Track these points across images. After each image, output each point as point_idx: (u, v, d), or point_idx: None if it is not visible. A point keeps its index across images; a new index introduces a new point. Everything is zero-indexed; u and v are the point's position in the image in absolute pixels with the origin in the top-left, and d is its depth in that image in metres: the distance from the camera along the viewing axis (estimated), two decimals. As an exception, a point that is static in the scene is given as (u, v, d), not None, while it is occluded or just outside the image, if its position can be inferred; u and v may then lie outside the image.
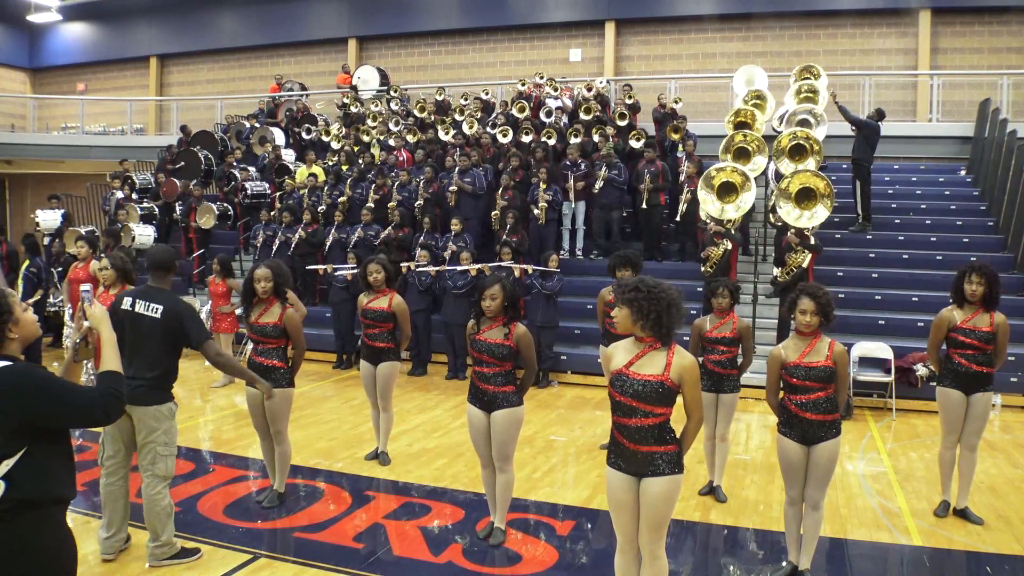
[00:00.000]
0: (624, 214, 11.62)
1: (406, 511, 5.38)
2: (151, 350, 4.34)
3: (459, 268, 9.70)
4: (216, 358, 4.58)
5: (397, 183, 11.76)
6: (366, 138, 14.46)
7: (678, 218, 10.85)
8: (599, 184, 10.93)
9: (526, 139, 12.79)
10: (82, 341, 2.83)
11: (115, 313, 4.16)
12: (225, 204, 13.51)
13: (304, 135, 15.60)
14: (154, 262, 4.58)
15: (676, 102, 13.83)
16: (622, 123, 12.87)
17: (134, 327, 4.34)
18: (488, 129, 13.38)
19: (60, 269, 10.73)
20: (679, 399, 3.47)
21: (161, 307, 4.38)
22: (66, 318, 9.31)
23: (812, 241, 8.97)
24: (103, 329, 2.75)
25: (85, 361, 6.47)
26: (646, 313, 3.37)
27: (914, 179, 13.29)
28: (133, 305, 4.40)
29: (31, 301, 9.01)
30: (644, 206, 10.93)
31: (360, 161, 13.01)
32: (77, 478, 5.97)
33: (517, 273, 9.42)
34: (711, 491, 5.73)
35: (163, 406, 4.38)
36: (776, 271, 9.30)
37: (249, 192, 13.47)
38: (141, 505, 4.41)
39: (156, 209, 13.52)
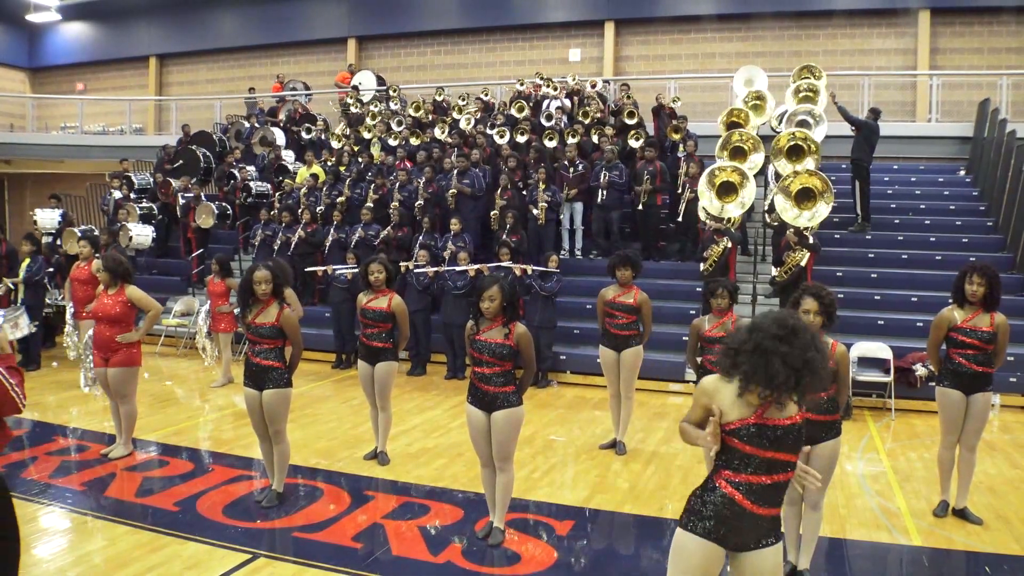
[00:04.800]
0: (623, 213, 11.60)
1: (405, 511, 5.37)
2: None
3: (458, 268, 9.70)
4: None
5: (397, 183, 11.75)
6: (367, 135, 14.46)
7: (679, 219, 10.84)
8: (602, 192, 10.90)
9: (522, 139, 12.79)
10: None
11: None
12: (224, 204, 13.50)
13: (304, 134, 15.60)
14: None
15: (674, 101, 13.82)
16: (631, 121, 12.81)
17: None
18: (487, 129, 13.37)
19: (51, 270, 10.71)
20: None
21: None
22: (67, 316, 9.31)
23: (811, 240, 8.97)
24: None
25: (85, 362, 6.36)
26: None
27: (913, 179, 13.30)
28: None
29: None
30: (640, 207, 10.93)
31: (359, 161, 13.01)
32: (76, 477, 5.95)
33: (517, 272, 9.42)
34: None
35: None
36: (774, 271, 9.30)
37: (253, 192, 13.48)
38: None
39: (155, 209, 13.52)
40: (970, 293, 5.12)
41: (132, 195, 13.78)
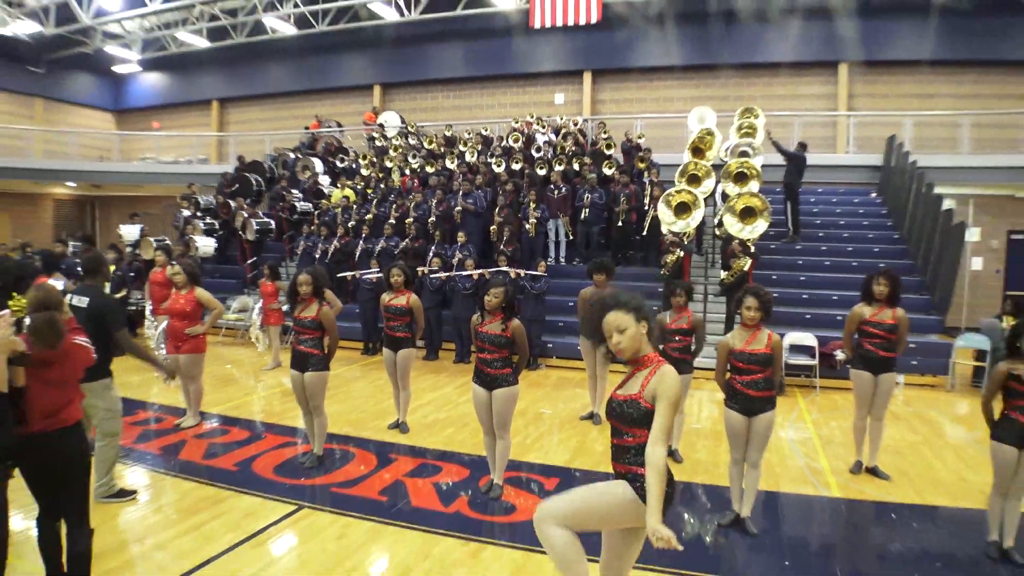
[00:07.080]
0: (600, 227, 11.60)
1: (422, 470, 5.39)
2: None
3: (463, 273, 9.70)
4: (123, 343, 4.48)
5: (414, 203, 11.75)
6: (390, 164, 14.47)
7: (644, 233, 10.85)
8: (586, 211, 10.93)
9: (516, 167, 12.79)
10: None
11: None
12: (268, 220, 13.41)
13: (338, 163, 15.57)
14: (84, 267, 4.69)
15: (640, 137, 13.82)
16: (609, 152, 12.80)
17: (75, 316, 4.41)
18: (488, 159, 13.36)
19: (132, 274, 10.68)
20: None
21: (87, 299, 4.45)
22: (147, 313, 9.32)
23: (752, 250, 8.99)
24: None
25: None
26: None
27: (834, 200, 13.32)
28: (71, 299, 4.43)
29: (117, 297, 9.04)
30: (620, 224, 10.94)
31: (383, 185, 12.99)
32: (155, 443, 5.92)
33: (512, 275, 9.43)
34: (670, 454, 5.74)
35: (96, 383, 4.32)
36: (722, 274, 9.32)
37: (298, 210, 13.50)
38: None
39: (217, 224, 13.48)
40: (877, 292, 5.16)
41: (198, 213, 13.74)
